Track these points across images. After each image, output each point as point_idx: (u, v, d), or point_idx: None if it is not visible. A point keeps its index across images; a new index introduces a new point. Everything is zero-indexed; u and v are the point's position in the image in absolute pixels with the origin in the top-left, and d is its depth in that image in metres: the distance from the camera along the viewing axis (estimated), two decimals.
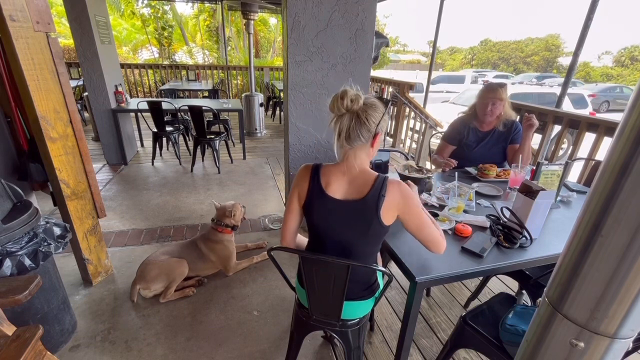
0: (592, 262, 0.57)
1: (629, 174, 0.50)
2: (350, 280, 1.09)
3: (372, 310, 1.45)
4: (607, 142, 1.64)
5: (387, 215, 1.08)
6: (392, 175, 1.25)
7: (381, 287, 1.29)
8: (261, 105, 5.62)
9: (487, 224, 1.45)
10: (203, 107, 3.81)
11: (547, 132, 2.87)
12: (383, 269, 1.12)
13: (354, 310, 1.24)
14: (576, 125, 2.65)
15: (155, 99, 4.29)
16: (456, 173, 1.77)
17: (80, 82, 6.14)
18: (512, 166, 1.85)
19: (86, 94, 3.99)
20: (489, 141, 2.17)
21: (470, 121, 2.21)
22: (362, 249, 1.16)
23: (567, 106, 6.41)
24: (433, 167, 2.40)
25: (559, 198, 1.73)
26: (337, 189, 1.11)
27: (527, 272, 1.63)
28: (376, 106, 1.06)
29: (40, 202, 2.64)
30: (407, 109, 4.94)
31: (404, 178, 1.88)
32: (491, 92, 2.07)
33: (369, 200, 1.06)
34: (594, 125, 2.52)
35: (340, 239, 1.15)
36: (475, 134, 2.20)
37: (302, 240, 1.37)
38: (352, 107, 1.02)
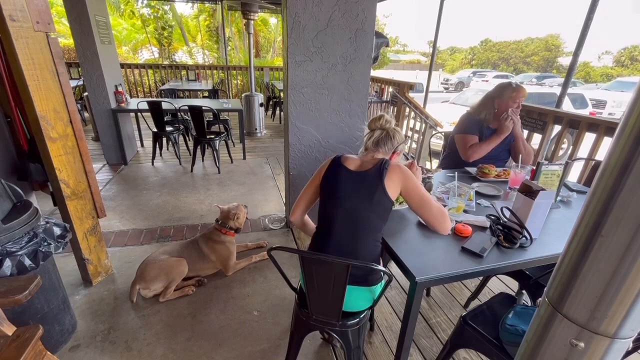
0: (592, 262, 0.56)
1: (629, 174, 0.50)
2: (352, 257, 1.15)
3: (372, 311, 1.45)
4: (607, 142, 1.64)
5: (390, 186, 1.24)
6: None
7: (381, 286, 1.29)
8: (261, 105, 5.62)
9: (487, 224, 1.45)
10: (203, 107, 3.81)
11: (547, 132, 2.87)
12: (383, 268, 1.12)
13: (351, 296, 1.25)
14: (576, 125, 2.64)
15: (155, 99, 4.29)
16: (456, 173, 1.77)
17: (80, 82, 6.14)
18: (512, 166, 1.85)
19: (86, 94, 3.99)
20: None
21: (482, 117, 2.21)
22: (368, 216, 1.25)
23: (567, 106, 6.41)
24: (477, 161, 2.19)
25: (559, 198, 1.73)
26: (352, 164, 1.34)
27: (527, 272, 1.63)
28: (400, 132, 1.42)
29: (40, 202, 2.64)
30: (407, 109, 4.94)
31: None
32: (522, 92, 2.10)
33: (373, 171, 1.27)
34: (594, 125, 2.52)
35: (347, 208, 1.26)
36: (489, 130, 2.21)
37: (310, 224, 1.53)
38: (385, 126, 1.39)
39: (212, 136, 4.06)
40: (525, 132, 3.09)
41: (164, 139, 4.73)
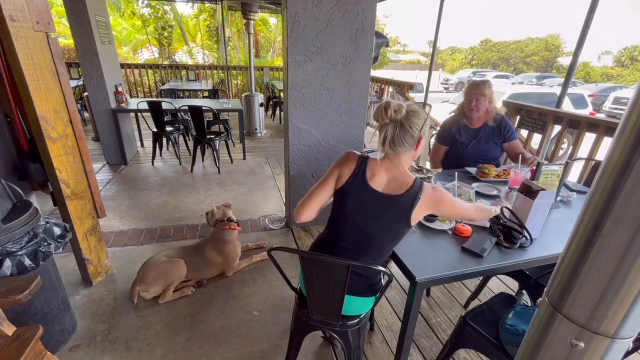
0: (592, 262, 0.56)
1: (629, 174, 0.50)
2: (356, 273, 1.11)
3: (372, 310, 1.45)
4: (607, 142, 1.64)
5: (416, 217, 1.16)
6: None
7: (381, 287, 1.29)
8: (261, 105, 5.62)
9: (487, 224, 1.45)
10: (203, 107, 3.81)
11: (547, 132, 2.87)
12: (383, 269, 1.12)
13: (354, 305, 1.24)
14: (576, 125, 2.65)
15: (155, 99, 4.29)
16: (456, 173, 1.77)
17: (80, 82, 6.14)
18: (512, 166, 1.85)
19: (86, 94, 3.99)
20: (482, 137, 2.21)
21: (460, 119, 2.25)
22: (382, 242, 1.19)
23: (567, 106, 6.42)
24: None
25: (559, 198, 1.73)
26: (379, 182, 1.18)
27: (527, 272, 1.63)
28: (418, 113, 1.14)
29: (40, 202, 2.64)
30: None
31: None
32: (474, 88, 2.12)
33: (406, 198, 1.13)
34: (594, 125, 2.52)
35: (364, 229, 1.18)
36: (467, 131, 2.24)
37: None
38: (396, 117, 1.11)
39: (212, 136, 4.06)
40: (525, 132, 3.09)
41: (164, 139, 4.73)
